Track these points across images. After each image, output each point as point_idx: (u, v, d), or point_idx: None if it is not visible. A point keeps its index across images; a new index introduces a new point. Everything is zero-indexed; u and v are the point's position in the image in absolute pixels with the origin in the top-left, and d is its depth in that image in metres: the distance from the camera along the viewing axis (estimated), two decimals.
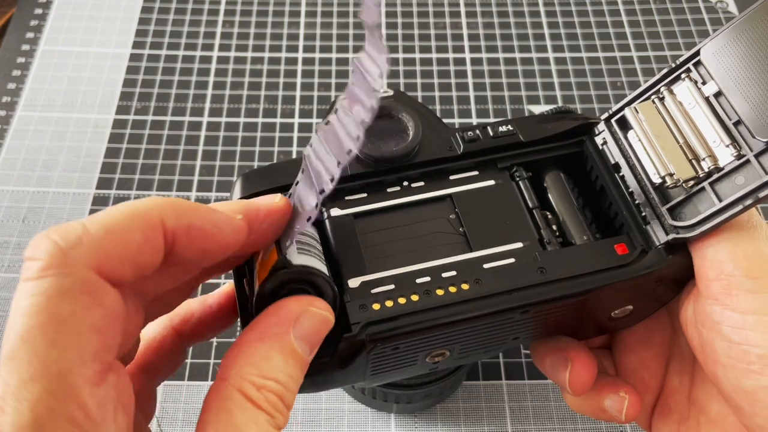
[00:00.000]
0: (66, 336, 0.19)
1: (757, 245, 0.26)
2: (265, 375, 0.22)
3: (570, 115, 0.32)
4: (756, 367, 0.25)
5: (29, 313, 0.19)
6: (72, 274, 0.20)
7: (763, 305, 0.25)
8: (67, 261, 0.20)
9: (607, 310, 0.30)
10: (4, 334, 0.19)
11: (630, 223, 0.29)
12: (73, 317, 0.19)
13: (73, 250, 0.20)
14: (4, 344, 0.19)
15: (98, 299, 0.20)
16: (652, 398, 0.33)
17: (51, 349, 0.19)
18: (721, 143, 0.26)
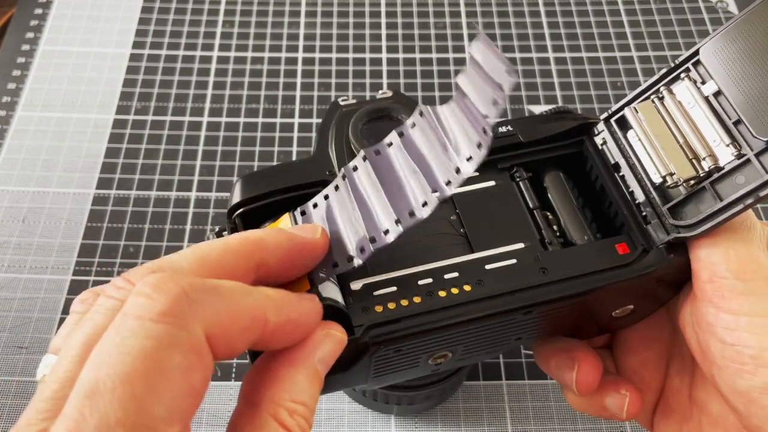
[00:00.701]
0: (166, 390, 0.18)
1: (750, 247, 0.26)
2: (295, 400, 0.22)
3: (569, 115, 0.32)
4: (749, 367, 0.25)
5: (137, 355, 0.18)
6: (188, 329, 0.19)
7: (755, 307, 0.25)
8: (187, 315, 0.19)
9: (608, 310, 0.30)
10: (90, 364, 0.18)
11: (630, 223, 0.29)
12: (177, 373, 0.18)
13: (197, 307, 0.20)
14: (89, 376, 0.18)
15: (202, 362, 0.19)
16: (653, 398, 0.33)
17: (148, 399, 0.18)
18: (721, 143, 0.26)
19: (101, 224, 0.50)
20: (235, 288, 0.21)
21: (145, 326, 0.19)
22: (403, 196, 0.26)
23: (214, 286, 0.21)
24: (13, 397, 0.42)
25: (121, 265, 0.48)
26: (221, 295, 0.21)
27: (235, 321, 0.21)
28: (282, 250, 0.24)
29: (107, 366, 0.18)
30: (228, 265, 0.22)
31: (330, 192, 0.27)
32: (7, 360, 0.44)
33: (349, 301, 0.26)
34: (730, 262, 0.26)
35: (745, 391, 0.26)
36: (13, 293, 0.47)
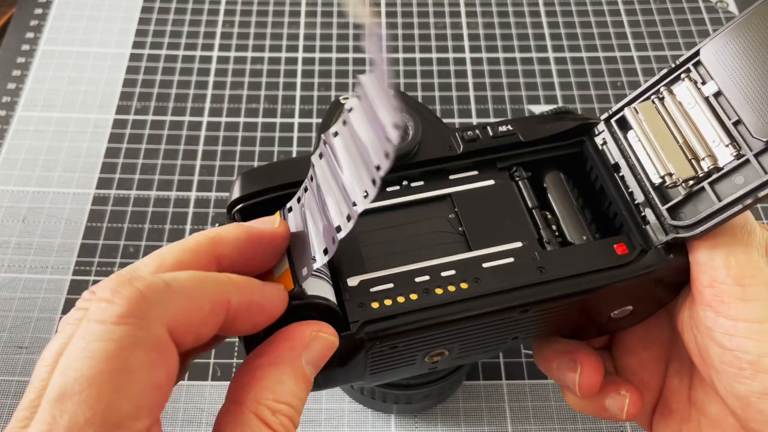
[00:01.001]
0: (131, 388, 0.19)
1: (750, 253, 0.26)
2: (279, 399, 0.23)
3: (570, 116, 0.32)
4: (747, 372, 0.25)
5: (100, 357, 0.19)
6: (148, 329, 0.20)
7: (754, 313, 0.25)
8: (146, 314, 0.20)
9: (606, 311, 0.30)
10: (58, 370, 0.19)
11: (629, 223, 0.29)
12: (141, 371, 0.19)
13: (155, 306, 0.20)
14: (57, 381, 0.19)
15: (164, 358, 0.20)
16: (652, 399, 0.33)
17: (114, 398, 0.18)
18: (721, 143, 0.26)
19: (101, 224, 0.50)
20: (192, 277, 0.22)
21: (107, 329, 0.19)
22: (353, 181, 0.24)
23: (169, 282, 0.21)
24: (13, 397, 0.43)
25: (121, 265, 0.48)
26: (178, 288, 0.21)
27: (196, 311, 0.21)
28: (240, 242, 0.25)
29: (73, 370, 0.19)
30: (186, 263, 0.23)
31: (307, 184, 0.27)
32: (7, 360, 0.44)
33: (345, 297, 0.26)
34: (729, 267, 0.26)
35: (743, 395, 0.26)
36: (13, 293, 0.47)
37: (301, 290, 0.25)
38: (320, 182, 0.26)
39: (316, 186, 0.26)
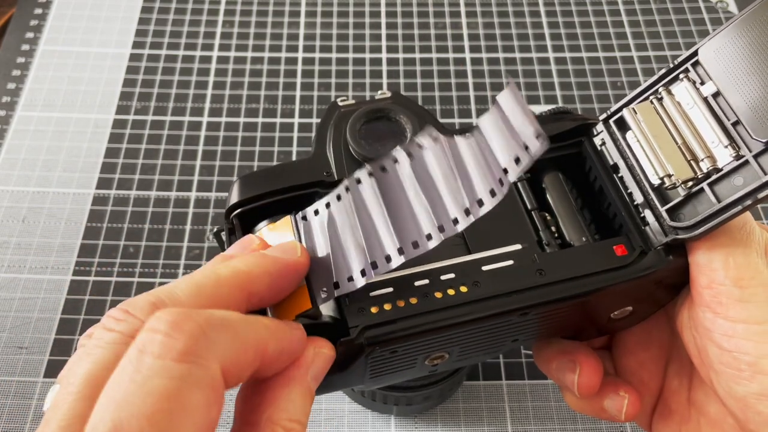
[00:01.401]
0: (189, 428, 0.19)
1: (749, 254, 0.26)
2: (291, 418, 0.23)
3: (569, 116, 0.32)
4: (746, 374, 0.25)
5: (160, 395, 0.18)
6: (207, 368, 0.19)
7: (752, 314, 0.25)
8: (206, 353, 0.20)
9: (606, 312, 0.30)
10: (110, 404, 0.18)
11: (629, 224, 0.29)
12: (198, 411, 0.19)
13: (214, 344, 0.20)
14: (110, 415, 0.18)
15: (218, 398, 0.20)
16: (651, 399, 0.33)
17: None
18: (720, 144, 0.26)
19: (101, 224, 0.50)
20: (241, 320, 0.22)
21: (166, 366, 0.19)
22: (408, 223, 0.25)
23: (226, 321, 0.21)
24: (13, 398, 0.43)
25: (121, 265, 0.48)
26: (232, 329, 0.21)
27: (245, 354, 0.21)
28: (270, 277, 0.24)
29: (130, 406, 0.18)
30: (223, 297, 0.23)
31: (332, 201, 0.27)
32: (7, 360, 0.44)
33: (345, 302, 0.26)
34: (728, 268, 0.25)
35: (742, 396, 0.26)
36: (12, 293, 0.47)
37: (317, 311, 0.26)
38: (368, 202, 0.26)
39: (358, 204, 0.26)
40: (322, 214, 0.27)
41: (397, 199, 0.26)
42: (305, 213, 0.28)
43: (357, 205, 0.26)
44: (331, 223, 0.27)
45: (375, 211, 0.26)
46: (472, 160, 0.25)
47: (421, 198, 0.26)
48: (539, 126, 0.23)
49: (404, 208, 0.26)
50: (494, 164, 0.24)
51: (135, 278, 0.48)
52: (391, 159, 0.26)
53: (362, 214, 0.26)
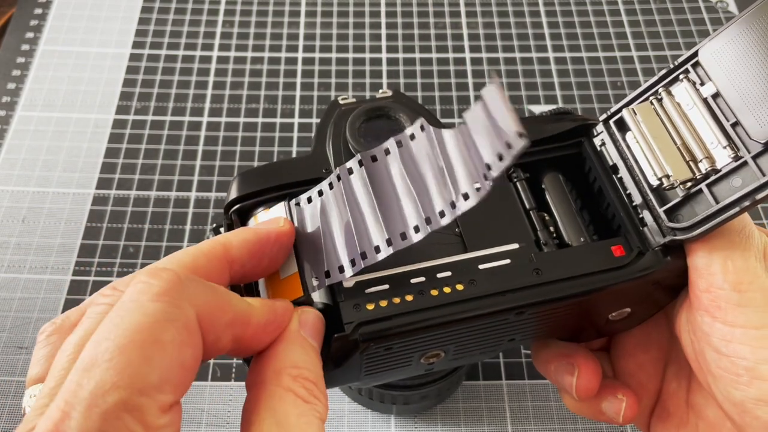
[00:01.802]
0: (159, 360, 0.19)
1: (748, 258, 0.26)
2: (295, 365, 0.23)
3: (569, 116, 0.32)
4: (744, 379, 0.25)
5: (133, 329, 0.19)
6: (181, 308, 0.20)
7: (750, 319, 0.25)
8: (181, 295, 0.20)
9: (604, 313, 0.30)
10: (89, 345, 0.19)
11: (627, 225, 0.29)
12: (170, 346, 0.20)
13: (190, 291, 0.21)
14: (88, 353, 0.19)
15: (193, 339, 0.21)
16: (650, 401, 0.33)
17: (143, 366, 0.19)
18: (719, 145, 0.26)
19: (101, 224, 0.50)
20: (221, 286, 0.23)
21: (142, 305, 0.20)
22: (395, 215, 0.26)
23: (204, 280, 0.22)
24: (12, 398, 0.43)
25: (121, 265, 0.48)
26: (210, 287, 0.22)
27: (222, 312, 0.22)
28: (249, 244, 0.25)
29: (105, 341, 0.19)
30: (202, 267, 0.24)
31: (324, 189, 0.27)
32: (6, 360, 0.44)
33: (340, 298, 0.26)
34: (727, 272, 0.25)
35: (740, 401, 0.26)
36: (12, 293, 0.47)
37: (309, 298, 0.26)
38: (358, 192, 0.27)
39: (348, 194, 0.27)
40: (315, 202, 0.27)
41: (386, 189, 0.26)
42: (298, 200, 0.28)
43: (347, 194, 0.27)
44: (322, 212, 0.27)
45: (364, 202, 0.26)
46: (457, 153, 0.26)
47: (409, 189, 0.26)
48: (521, 124, 0.23)
49: (393, 199, 0.26)
50: (478, 159, 0.25)
51: None
52: (383, 149, 0.27)
53: (352, 203, 0.27)
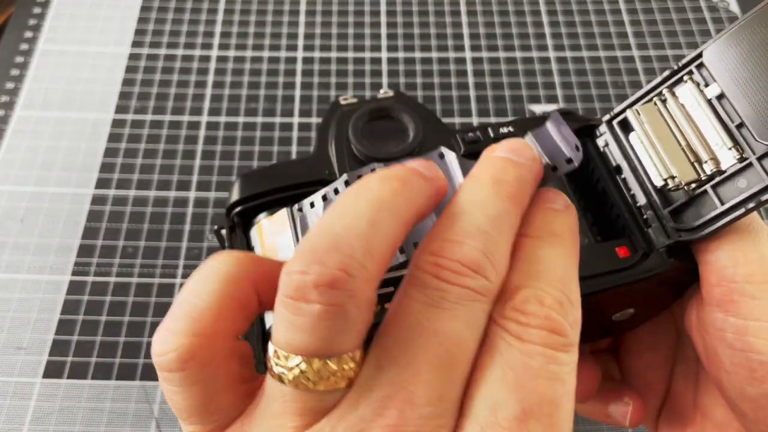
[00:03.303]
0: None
1: (759, 250, 0.25)
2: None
3: (571, 117, 0.32)
4: (759, 374, 0.25)
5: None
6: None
7: (766, 311, 0.24)
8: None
9: (607, 314, 0.30)
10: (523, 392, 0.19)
11: (631, 226, 0.28)
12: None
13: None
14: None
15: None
16: (658, 401, 0.33)
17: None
18: (724, 146, 0.26)
19: (100, 224, 0.50)
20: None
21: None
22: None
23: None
24: (11, 398, 0.42)
25: (120, 265, 0.48)
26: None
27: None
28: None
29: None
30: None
31: (329, 194, 0.27)
32: (5, 360, 0.44)
33: None
34: (738, 265, 0.25)
35: (754, 398, 0.25)
36: (11, 293, 0.47)
37: None
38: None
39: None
40: (318, 207, 0.27)
41: None
42: (301, 205, 0.28)
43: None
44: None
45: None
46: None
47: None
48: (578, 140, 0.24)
49: None
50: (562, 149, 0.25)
51: (134, 278, 0.47)
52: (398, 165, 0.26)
53: None
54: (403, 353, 0.18)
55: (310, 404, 0.18)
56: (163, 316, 0.47)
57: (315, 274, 0.17)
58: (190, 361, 0.19)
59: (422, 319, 0.19)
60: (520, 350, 0.19)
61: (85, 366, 0.44)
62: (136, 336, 0.45)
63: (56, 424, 0.41)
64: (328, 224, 0.18)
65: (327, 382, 0.18)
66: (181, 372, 0.19)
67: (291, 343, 0.18)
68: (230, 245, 0.29)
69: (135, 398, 0.42)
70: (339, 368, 0.18)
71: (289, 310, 0.18)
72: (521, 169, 0.22)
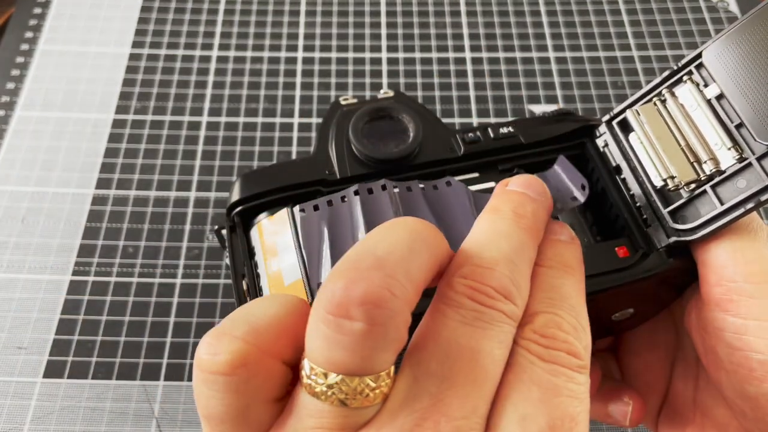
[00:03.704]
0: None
1: (759, 249, 0.25)
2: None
3: (571, 117, 0.32)
4: (758, 374, 0.25)
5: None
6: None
7: (765, 311, 0.24)
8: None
9: (607, 313, 0.30)
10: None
11: (631, 226, 0.29)
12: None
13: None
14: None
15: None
16: (658, 401, 0.33)
17: None
18: (723, 146, 0.26)
19: (100, 224, 0.50)
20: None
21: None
22: None
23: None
24: (12, 398, 0.42)
25: (121, 265, 0.48)
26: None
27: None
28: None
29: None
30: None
31: (335, 200, 0.27)
32: (6, 360, 0.44)
33: None
34: (738, 264, 0.25)
35: (754, 396, 0.25)
36: (12, 293, 0.47)
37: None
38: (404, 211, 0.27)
39: (368, 210, 0.26)
40: (323, 211, 0.27)
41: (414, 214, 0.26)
42: (304, 207, 0.28)
43: (366, 210, 0.26)
44: (330, 223, 0.27)
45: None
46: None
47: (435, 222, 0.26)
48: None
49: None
50: (569, 187, 0.28)
51: (134, 278, 0.47)
52: (410, 184, 0.27)
53: (370, 219, 0.26)
54: (440, 368, 0.19)
55: (345, 420, 0.19)
56: (163, 316, 0.47)
57: (361, 290, 0.18)
58: (241, 368, 0.19)
59: (458, 336, 0.20)
60: (543, 369, 0.20)
61: (85, 366, 0.44)
62: (136, 336, 0.45)
63: (57, 424, 0.42)
64: (368, 246, 0.19)
65: (364, 399, 0.18)
66: (228, 377, 0.19)
67: (330, 360, 0.18)
68: (230, 245, 0.29)
69: (135, 398, 0.43)
70: (377, 385, 0.18)
71: (330, 327, 0.18)
72: (536, 204, 0.24)
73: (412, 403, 0.19)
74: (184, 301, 0.46)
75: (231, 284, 0.47)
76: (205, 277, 0.48)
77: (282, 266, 0.27)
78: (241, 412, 0.19)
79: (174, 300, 0.46)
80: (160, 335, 0.45)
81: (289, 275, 0.27)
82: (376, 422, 0.19)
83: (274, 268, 0.27)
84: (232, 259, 0.28)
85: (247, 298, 0.27)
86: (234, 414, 0.19)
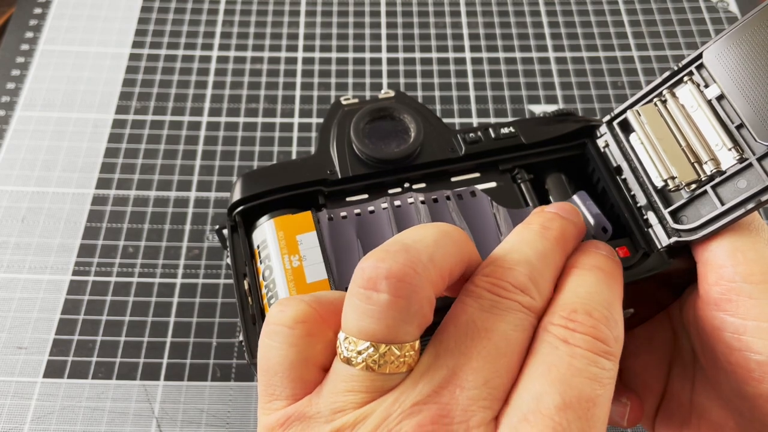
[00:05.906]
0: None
1: (758, 249, 0.25)
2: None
3: (572, 117, 0.32)
4: (756, 374, 0.25)
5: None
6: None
7: (764, 311, 0.24)
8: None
9: None
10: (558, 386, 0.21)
11: (632, 226, 0.29)
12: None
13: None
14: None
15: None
16: (655, 402, 0.33)
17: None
18: (724, 146, 0.26)
19: (100, 224, 0.50)
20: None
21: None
22: None
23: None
24: (12, 398, 0.42)
25: (121, 265, 0.48)
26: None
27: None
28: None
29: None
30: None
31: (363, 212, 0.28)
32: (6, 360, 0.44)
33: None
34: (737, 264, 0.25)
35: (751, 397, 0.25)
36: (12, 293, 0.47)
37: None
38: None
39: (399, 219, 0.29)
40: (351, 220, 0.28)
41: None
42: (332, 214, 0.28)
43: (398, 219, 0.28)
44: (361, 229, 0.28)
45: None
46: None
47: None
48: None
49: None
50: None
51: (134, 278, 0.47)
52: (442, 194, 0.29)
53: (402, 228, 0.28)
54: (457, 345, 0.22)
55: (374, 384, 0.21)
56: (163, 316, 0.48)
57: (387, 266, 0.21)
58: (301, 324, 0.22)
59: (475, 319, 0.22)
60: (565, 351, 0.21)
61: (85, 366, 0.44)
62: (136, 336, 0.45)
63: (57, 424, 0.42)
64: (399, 238, 0.22)
65: (391, 366, 0.21)
66: (288, 329, 0.22)
67: (361, 329, 0.21)
68: (232, 245, 0.29)
69: (135, 398, 0.43)
70: (402, 354, 0.21)
71: (360, 299, 0.21)
72: (565, 222, 0.26)
73: (432, 374, 0.21)
74: (184, 301, 0.46)
75: (231, 284, 0.47)
76: (205, 277, 0.48)
77: (305, 264, 0.27)
78: (294, 366, 0.22)
79: (174, 300, 0.46)
80: (160, 335, 0.45)
81: (312, 274, 0.27)
82: (400, 387, 0.21)
83: (295, 264, 0.27)
84: (234, 258, 0.29)
85: (249, 298, 0.27)
86: (287, 366, 0.22)
